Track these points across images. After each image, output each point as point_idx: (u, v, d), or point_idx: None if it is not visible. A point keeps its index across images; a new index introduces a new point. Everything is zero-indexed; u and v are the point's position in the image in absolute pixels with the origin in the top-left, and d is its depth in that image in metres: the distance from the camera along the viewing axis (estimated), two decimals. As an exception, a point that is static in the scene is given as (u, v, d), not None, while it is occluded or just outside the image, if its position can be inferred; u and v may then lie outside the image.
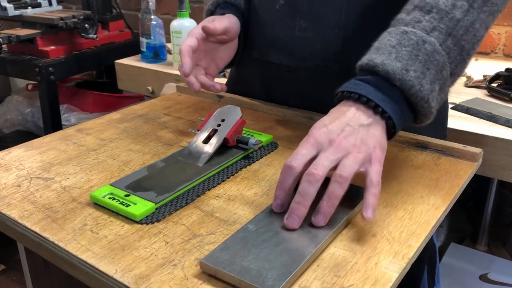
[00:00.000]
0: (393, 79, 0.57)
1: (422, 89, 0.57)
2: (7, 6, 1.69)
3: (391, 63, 0.57)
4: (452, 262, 1.51)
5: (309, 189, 0.52)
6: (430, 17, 0.59)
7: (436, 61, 0.58)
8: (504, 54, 1.56)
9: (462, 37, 0.59)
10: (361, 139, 0.55)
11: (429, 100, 0.58)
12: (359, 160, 0.53)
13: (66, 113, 1.97)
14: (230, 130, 0.69)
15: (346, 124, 0.56)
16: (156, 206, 0.57)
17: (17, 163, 0.69)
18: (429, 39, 0.58)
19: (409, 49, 0.57)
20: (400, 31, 0.59)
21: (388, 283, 0.45)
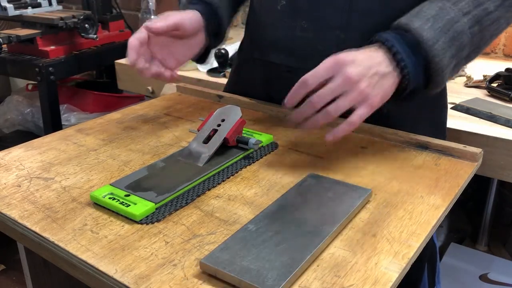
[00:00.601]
0: (424, 44, 0.63)
1: (443, 61, 0.64)
2: (7, 6, 1.69)
3: (425, 31, 0.63)
4: (452, 262, 1.51)
5: (307, 111, 0.62)
6: (469, 1, 0.66)
7: (460, 41, 0.65)
8: (504, 54, 1.56)
9: (486, 27, 0.66)
10: (370, 83, 0.61)
11: (444, 72, 0.65)
12: (355, 101, 0.61)
13: (66, 113, 1.97)
14: (230, 130, 0.69)
15: (368, 65, 0.62)
16: (156, 206, 0.57)
17: (17, 163, 0.69)
18: (462, 20, 0.65)
19: (444, 23, 0.64)
20: (439, 6, 0.66)
21: (388, 283, 0.45)
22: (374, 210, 0.57)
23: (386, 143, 0.74)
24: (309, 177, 0.63)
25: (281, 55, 0.81)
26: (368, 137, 0.76)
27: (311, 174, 0.64)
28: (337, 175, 0.65)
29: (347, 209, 0.55)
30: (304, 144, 0.75)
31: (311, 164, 0.69)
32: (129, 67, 1.66)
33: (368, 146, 0.74)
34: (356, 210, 0.56)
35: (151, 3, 1.64)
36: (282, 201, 0.58)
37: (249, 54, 0.89)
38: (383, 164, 0.68)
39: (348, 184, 0.61)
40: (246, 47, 0.93)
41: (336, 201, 0.57)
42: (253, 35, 0.89)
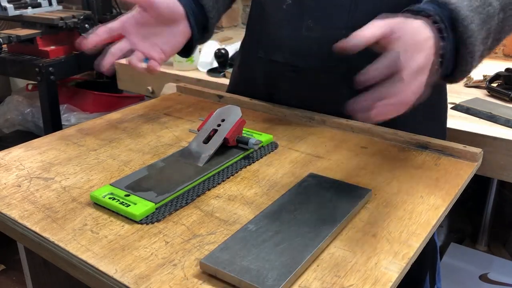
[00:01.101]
0: (459, 23, 0.60)
1: (475, 43, 0.61)
2: (7, 6, 1.69)
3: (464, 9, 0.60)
4: (452, 262, 1.51)
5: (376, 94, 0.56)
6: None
7: (489, 25, 0.62)
8: (504, 54, 1.56)
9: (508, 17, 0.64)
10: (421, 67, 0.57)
11: (474, 55, 0.61)
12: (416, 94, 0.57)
13: (66, 113, 1.97)
14: (230, 130, 0.69)
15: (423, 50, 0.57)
16: (156, 206, 0.57)
17: (17, 163, 0.69)
18: (493, 4, 0.63)
19: (478, 4, 0.61)
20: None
21: (388, 283, 0.45)
22: (374, 210, 0.57)
23: (386, 143, 0.74)
24: (309, 177, 0.63)
25: (286, 54, 0.81)
26: (368, 137, 0.76)
27: (311, 174, 0.64)
28: (337, 175, 0.65)
29: (347, 209, 0.55)
30: (304, 144, 0.75)
31: (311, 164, 0.69)
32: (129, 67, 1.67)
33: (368, 146, 0.74)
34: (356, 210, 0.56)
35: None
36: (282, 201, 0.58)
37: (252, 53, 0.89)
38: (383, 164, 0.68)
39: (348, 184, 0.61)
40: (249, 46, 0.93)
41: (336, 201, 0.57)
42: (256, 34, 0.88)
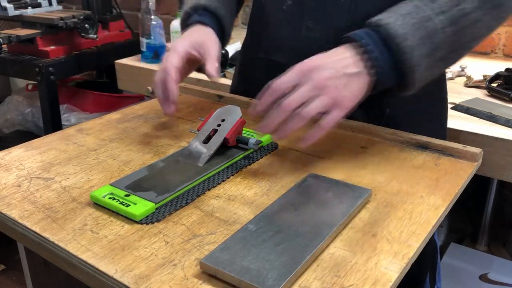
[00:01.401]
0: (392, 42, 0.63)
1: (412, 59, 0.63)
2: (7, 6, 1.69)
3: (395, 28, 0.63)
4: (452, 262, 1.51)
5: (277, 116, 0.61)
6: (443, 1, 0.64)
7: (431, 40, 0.63)
8: (504, 54, 1.56)
9: (463, 29, 0.65)
10: (339, 85, 0.61)
11: (415, 70, 0.63)
12: (326, 104, 0.61)
13: (66, 113, 1.97)
14: (230, 130, 0.69)
15: (333, 67, 0.62)
16: (156, 206, 0.57)
17: (17, 163, 0.69)
18: (434, 19, 0.63)
19: (414, 21, 0.63)
20: (413, 4, 0.65)
21: (388, 283, 0.45)
22: (374, 210, 0.57)
23: (386, 143, 0.74)
24: (309, 177, 0.63)
25: (286, 54, 0.81)
26: (368, 137, 0.76)
27: (311, 174, 0.64)
28: (337, 175, 0.65)
29: (347, 209, 0.55)
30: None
31: (311, 164, 0.69)
32: (129, 67, 1.67)
33: (368, 146, 0.74)
34: (356, 210, 0.56)
35: (151, 3, 1.64)
36: (282, 201, 0.58)
37: (253, 54, 0.89)
38: (383, 164, 0.68)
39: (348, 184, 0.61)
40: (250, 47, 0.93)
41: (336, 201, 0.57)
42: (257, 35, 0.88)
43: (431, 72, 0.67)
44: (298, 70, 0.63)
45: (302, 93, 0.61)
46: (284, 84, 0.62)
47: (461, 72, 1.35)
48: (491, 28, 0.68)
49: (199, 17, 0.82)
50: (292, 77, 0.62)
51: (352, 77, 0.62)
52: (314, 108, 0.60)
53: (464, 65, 1.36)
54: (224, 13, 0.84)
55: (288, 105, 0.61)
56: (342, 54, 0.64)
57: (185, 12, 0.85)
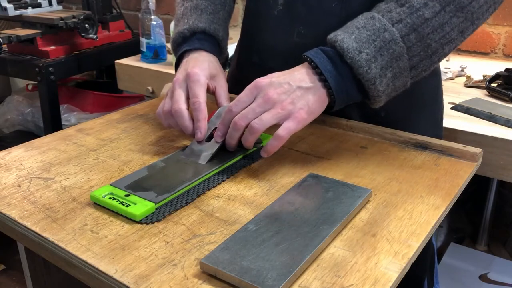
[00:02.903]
0: (346, 56, 0.63)
1: (369, 71, 0.63)
2: (7, 6, 1.69)
3: (348, 42, 0.63)
4: (452, 262, 1.51)
5: (234, 133, 0.64)
6: (401, 10, 0.64)
7: (391, 50, 0.63)
8: (504, 54, 1.56)
9: (428, 35, 0.64)
10: (292, 99, 0.63)
11: (376, 83, 0.63)
12: (279, 116, 0.62)
13: (66, 113, 1.97)
14: None
15: (287, 82, 0.64)
16: (156, 206, 0.57)
17: (17, 163, 0.69)
18: (391, 29, 0.63)
19: (369, 33, 0.63)
20: (369, 16, 0.65)
21: (388, 283, 0.46)
22: (374, 210, 0.57)
23: (386, 143, 0.74)
24: (309, 177, 0.63)
25: (279, 60, 0.80)
26: (368, 137, 0.76)
27: (311, 174, 0.64)
28: (337, 175, 0.65)
29: (347, 209, 0.55)
30: (304, 144, 0.75)
31: (311, 164, 0.69)
32: (129, 67, 1.67)
33: (368, 146, 0.74)
34: (356, 210, 0.56)
35: (151, 3, 1.64)
36: (282, 201, 0.58)
37: (247, 58, 0.89)
38: (383, 164, 0.68)
39: (348, 184, 0.61)
40: (243, 50, 0.92)
41: (336, 201, 0.57)
42: (250, 40, 0.88)
43: (401, 81, 0.66)
44: (251, 88, 0.64)
45: (252, 108, 0.63)
46: (241, 103, 0.64)
47: (461, 72, 1.35)
48: (465, 30, 0.66)
49: (198, 43, 0.79)
50: (247, 96, 0.64)
51: (306, 91, 0.64)
52: (266, 120, 0.61)
53: (464, 65, 1.36)
54: (222, 35, 0.82)
55: (239, 121, 0.63)
56: (296, 71, 0.66)
57: (179, 34, 0.80)
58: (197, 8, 0.82)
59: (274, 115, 0.62)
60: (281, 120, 0.62)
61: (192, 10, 0.81)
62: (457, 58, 1.55)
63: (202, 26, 0.79)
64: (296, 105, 0.62)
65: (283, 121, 0.62)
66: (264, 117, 0.62)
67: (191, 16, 0.81)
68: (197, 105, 0.69)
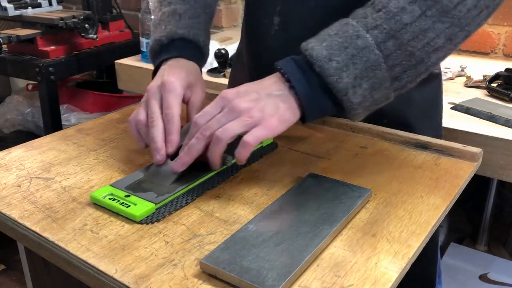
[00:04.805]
0: (314, 65, 0.59)
1: (340, 80, 0.58)
2: (7, 6, 1.69)
3: (318, 49, 0.59)
4: (452, 262, 1.52)
5: (196, 144, 0.59)
6: (377, 15, 0.59)
7: (365, 58, 0.58)
8: (504, 54, 1.56)
9: (409, 42, 0.58)
10: (260, 107, 0.59)
11: (348, 93, 0.59)
12: (246, 124, 0.58)
13: (66, 113, 1.97)
14: None
15: (255, 91, 0.60)
16: (156, 206, 0.57)
17: (17, 163, 0.69)
18: (364, 35, 0.58)
19: (341, 40, 0.59)
20: (344, 22, 0.61)
21: (388, 283, 0.46)
22: (374, 210, 0.57)
23: (386, 143, 0.74)
24: (309, 177, 0.63)
25: None
26: (368, 137, 0.76)
27: (311, 174, 0.64)
28: (337, 175, 0.65)
29: (347, 209, 0.55)
30: (304, 144, 0.75)
31: (311, 164, 0.69)
32: (129, 67, 1.67)
33: (368, 146, 0.74)
34: (356, 210, 0.56)
35: (151, 3, 1.64)
36: (282, 201, 0.58)
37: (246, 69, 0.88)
38: (383, 164, 0.68)
39: (348, 184, 0.61)
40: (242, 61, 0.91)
41: (336, 201, 0.57)
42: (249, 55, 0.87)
43: (381, 94, 0.60)
44: (218, 100, 0.60)
45: (217, 118, 0.59)
46: (203, 117, 0.60)
47: (461, 72, 1.35)
48: (454, 37, 0.60)
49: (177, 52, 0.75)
50: (213, 108, 0.60)
51: (276, 98, 0.60)
52: (232, 129, 0.57)
53: (464, 65, 1.36)
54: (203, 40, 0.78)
55: (203, 132, 0.59)
56: (266, 80, 0.62)
57: (156, 41, 0.76)
58: (175, 13, 0.77)
59: (241, 123, 0.58)
60: (249, 128, 0.58)
61: (170, 16, 0.77)
62: (457, 58, 1.55)
63: (181, 32, 0.76)
64: (265, 112, 0.58)
65: (251, 129, 0.58)
66: (229, 126, 0.58)
67: (169, 22, 0.77)
68: (170, 116, 0.65)
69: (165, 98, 0.66)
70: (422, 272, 0.86)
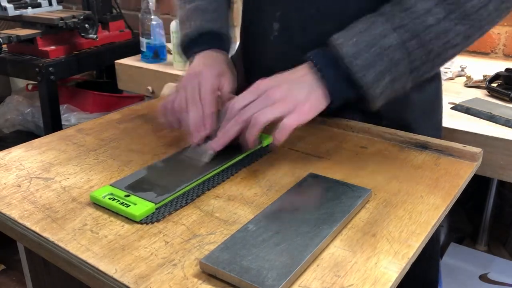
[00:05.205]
0: (342, 61, 0.63)
1: (366, 76, 0.63)
2: (7, 6, 1.69)
3: (347, 46, 0.63)
4: (452, 262, 1.51)
5: (234, 126, 0.64)
6: (404, 15, 0.63)
7: (391, 55, 0.63)
8: (504, 54, 1.56)
9: (431, 41, 0.63)
10: (293, 95, 0.64)
11: (372, 87, 0.63)
12: (281, 110, 0.62)
13: (66, 113, 1.97)
14: None
15: (288, 80, 0.65)
16: (156, 206, 0.57)
17: (17, 163, 0.69)
18: (391, 34, 0.63)
19: (369, 39, 0.63)
20: (372, 20, 0.64)
21: (388, 282, 0.46)
22: (374, 210, 0.57)
23: (386, 143, 0.74)
24: (309, 177, 0.63)
25: None
26: (368, 137, 0.76)
27: (311, 174, 0.64)
28: (337, 175, 0.65)
29: (347, 209, 0.55)
30: (304, 144, 0.75)
31: (311, 164, 0.69)
32: (129, 67, 1.67)
33: (368, 146, 0.74)
34: (356, 210, 0.56)
35: (151, 3, 1.64)
36: (282, 201, 0.58)
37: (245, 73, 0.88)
38: (383, 164, 0.68)
39: (348, 184, 0.61)
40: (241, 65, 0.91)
41: (336, 201, 0.57)
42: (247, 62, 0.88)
43: (400, 84, 0.66)
44: (253, 89, 0.65)
45: (255, 104, 0.63)
46: (240, 103, 0.64)
47: (461, 72, 1.35)
48: (471, 36, 0.65)
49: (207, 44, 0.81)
50: (248, 96, 0.64)
51: (307, 88, 0.65)
52: (269, 113, 0.62)
53: (464, 65, 1.36)
54: (227, 31, 0.83)
55: (242, 115, 0.63)
56: (297, 71, 0.67)
57: (186, 35, 0.82)
58: (198, 9, 0.83)
59: (277, 109, 0.62)
60: (284, 114, 0.62)
61: (195, 12, 0.83)
62: (457, 58, 1.54)
63: (207, 26, 0.81)
64: (298, 101, 0.63)
65: (286, 114, 0.62)
66: (266, 110, 0.62)
67: (196, 17, 0.82)
68: (206, 101, 0.70)
69: (201, 85, 0.71)
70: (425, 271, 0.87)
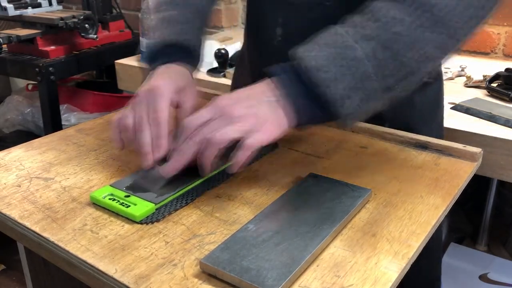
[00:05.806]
0: (304, 76, 0.57)
1: (328, 91, 0.56)
2: (7, 6, 1.69)
3: (308, 60, 0.57)
4: (452, 262, 1.51)
5: (187, 149, 0.58)
6: (367, 24, 0.58)
7: (354, 68, 0.56)
8: (504, 54, 1.56)
9: (399, 52, 0.57)
10: (255, 113, 0.58)
11: (337, 105, 0.57)
12: (240, 130, 0.56)
13: (66, 113, 1.97)
14: None
15: (248, 98, 0.59)
16: (156, 206, 0.57)
17: (17, 163, 0.69)
18: (353, 45, 0.57)
19: (330, 51, 0.57)
20: (334, 31, 0.59)
21: (388, 282, 0.46)
22: (374, 210, 0.57)
23: (386, 143, 0.74)
24: (309, 177, 0.63)
25: None
26: (368, 137, 0.76)
27: (311, 174, 0.64)
28: (337, 175, 0.65)
29: (347, 209, 0.55)
30: (304, 144, 0.75)
31: (311, 164, 0.69)
32: (129, 67, 1.67)
33: (368, 146, 0.74)
34: (356, 210, 0.56)
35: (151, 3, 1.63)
36: (282, 201, 0.58)
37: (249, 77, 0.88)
38: (383, 164, 0.68)
39: (348, 184, 0.61)
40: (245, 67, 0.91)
41: (336, 201, 0.57)
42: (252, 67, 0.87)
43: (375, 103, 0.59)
44: (211, 106, 0.59)
45: (214, 123, 0.57)
46: (196, 120, 0.58)
47: (461, 72, 1.35)
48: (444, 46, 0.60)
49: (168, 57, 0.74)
50: (206, 114, 0.58)
51: (270, 105, 0.58)
52: (226, 133, 0.56)
53: (464, 65, 1.36)
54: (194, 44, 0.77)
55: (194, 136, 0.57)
56: (259, 87, 0.60)
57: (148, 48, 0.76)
58: (165, 19, 0.77)
59: (235, 129, 0.56)
60: (244, 134, 0.56)
61: (160, 23, 0.77)
62: (457, 58, 1.55)
63: (170, 38, 0.75)
64: (259, 119, 0.57)
65: (247, 134, 0.56)
66: (223, 130, 0.56)
67: (160, 28, 0.77)
68: (157, 120, 0.62)
69: (153, 102, 0.64)
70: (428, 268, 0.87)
